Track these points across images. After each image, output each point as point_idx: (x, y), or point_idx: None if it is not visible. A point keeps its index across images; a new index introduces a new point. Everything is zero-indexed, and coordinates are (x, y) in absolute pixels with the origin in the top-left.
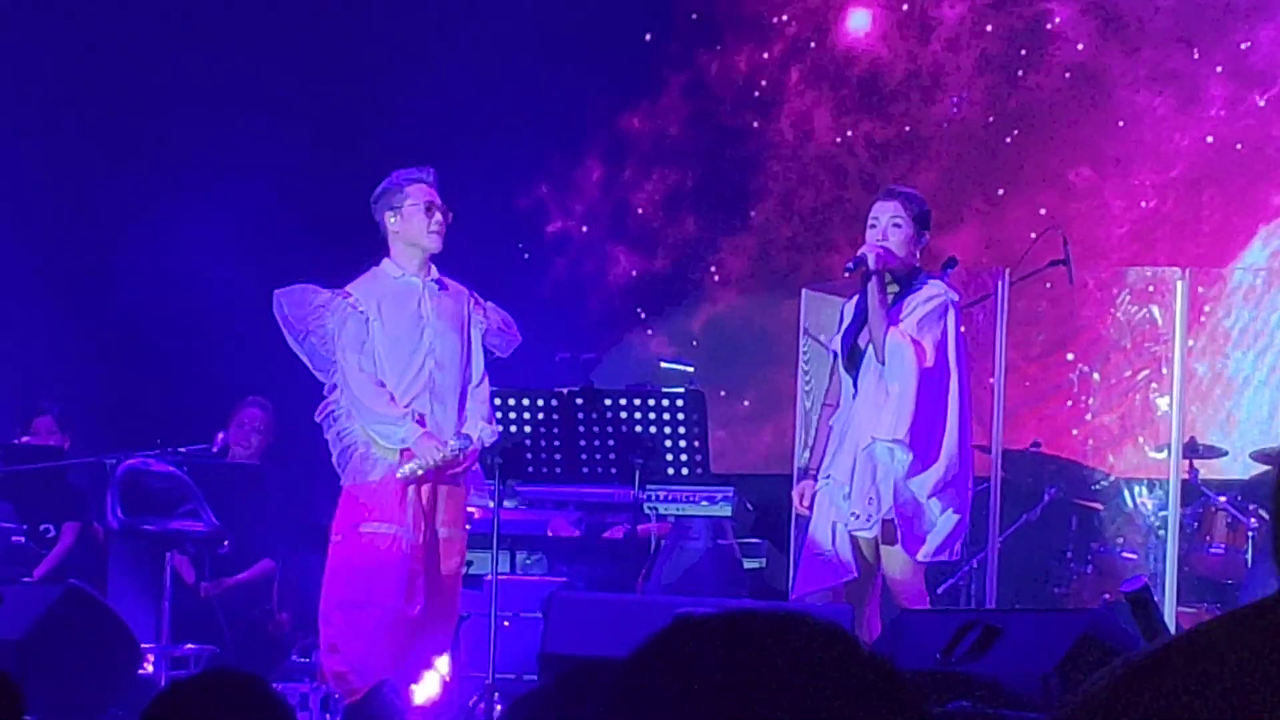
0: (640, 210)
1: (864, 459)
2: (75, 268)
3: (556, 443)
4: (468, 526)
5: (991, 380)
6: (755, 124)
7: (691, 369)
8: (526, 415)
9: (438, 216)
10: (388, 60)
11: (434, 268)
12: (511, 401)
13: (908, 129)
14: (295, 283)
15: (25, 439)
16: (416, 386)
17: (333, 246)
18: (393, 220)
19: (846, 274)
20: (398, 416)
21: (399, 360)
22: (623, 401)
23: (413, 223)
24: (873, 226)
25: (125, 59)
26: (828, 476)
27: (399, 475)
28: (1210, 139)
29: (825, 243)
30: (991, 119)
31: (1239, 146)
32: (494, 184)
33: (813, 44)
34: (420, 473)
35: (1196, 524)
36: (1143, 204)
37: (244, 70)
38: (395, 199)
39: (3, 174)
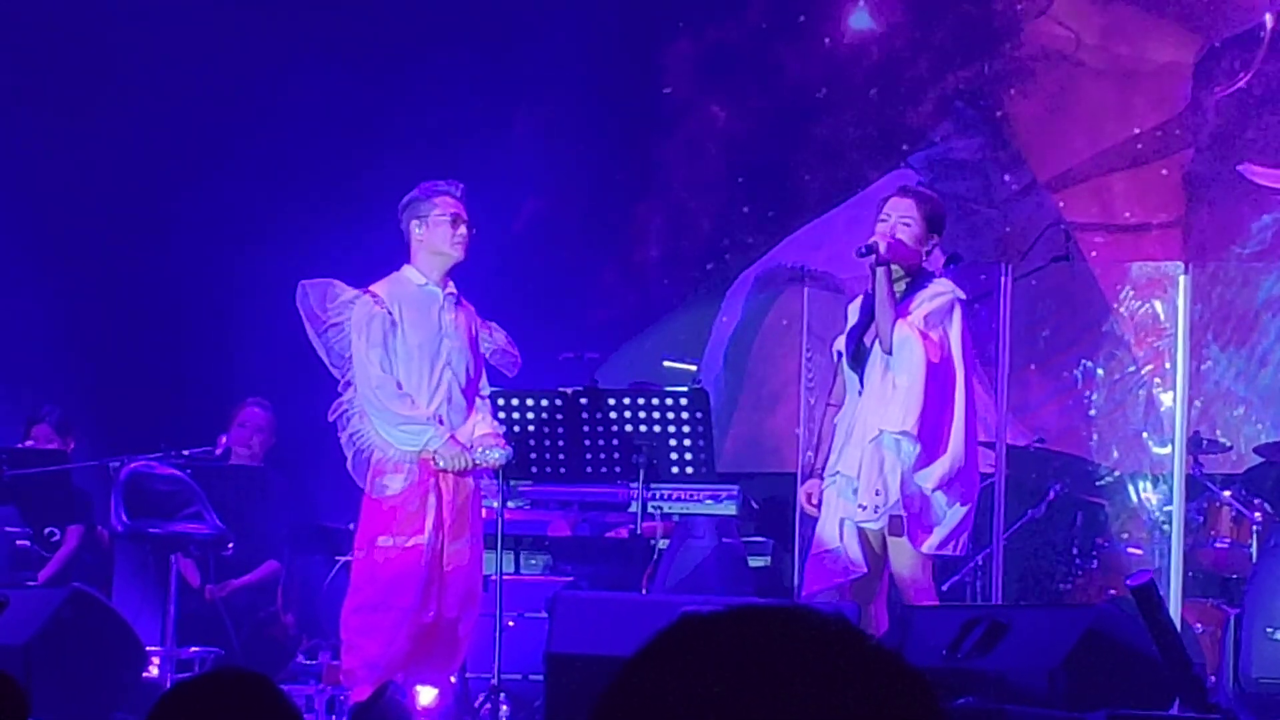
0: None
1: (871, 451)
2: (77, 271)
3: (560, 443)
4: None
5: (996, 374)
6: None
7: (694, 368)
8: (530, 415)
9: (462, 229)
10: (400, 53)
11: (452, 282)
12: (515, 402)
13: None
14: (296, 284)
15: (27, 443)
16: (437, 397)
17: (337, 247)
18: (418, 229)
19: (858, 256)
20: (423, 419)
21: (419, 368)
22: (626, 401)
23: (437, 233)
24: (883, 221)
25: (124, 57)
26: (835, 473)
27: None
28: None
29: None
30: None
31: None
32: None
33: None
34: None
35: (1201, 518)
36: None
37: (242, 70)
38: (422, 208)
39: (1, 176)
